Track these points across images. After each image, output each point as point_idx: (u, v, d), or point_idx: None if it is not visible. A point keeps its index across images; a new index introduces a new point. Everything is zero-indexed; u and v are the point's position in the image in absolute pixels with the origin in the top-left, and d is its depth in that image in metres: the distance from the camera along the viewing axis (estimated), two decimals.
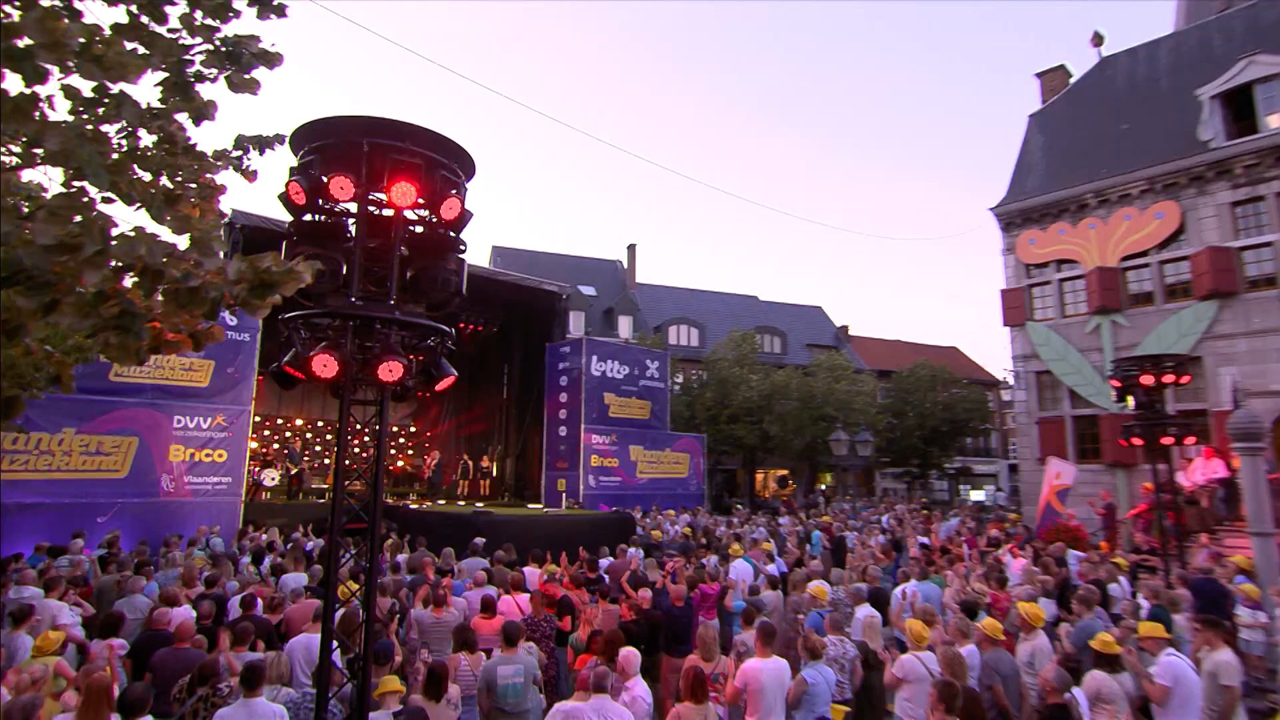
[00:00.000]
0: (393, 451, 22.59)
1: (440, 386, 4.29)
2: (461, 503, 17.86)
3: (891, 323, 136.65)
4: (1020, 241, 20.83)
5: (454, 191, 4.14)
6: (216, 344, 2.97)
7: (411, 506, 14.54)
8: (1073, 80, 23.09)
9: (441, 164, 4.09)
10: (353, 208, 4.13)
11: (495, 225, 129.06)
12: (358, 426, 4.48)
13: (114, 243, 2.01)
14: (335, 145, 3.92)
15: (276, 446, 19.21)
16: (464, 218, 4.19)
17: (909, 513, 20.27)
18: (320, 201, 3.84)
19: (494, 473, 21.37)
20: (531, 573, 9.31)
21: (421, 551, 10.59)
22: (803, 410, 29.77)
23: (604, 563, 11.02)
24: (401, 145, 3.92)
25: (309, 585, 8.09)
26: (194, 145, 3.06)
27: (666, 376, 22.17)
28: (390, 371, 3.77)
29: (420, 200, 3.98)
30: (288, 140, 3.98)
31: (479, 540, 11.00)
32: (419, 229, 4.31)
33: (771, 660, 5.45)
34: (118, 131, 2.96)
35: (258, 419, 20.64)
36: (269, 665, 4.66)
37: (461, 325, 20.89)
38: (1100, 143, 20.41)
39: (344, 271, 4.06)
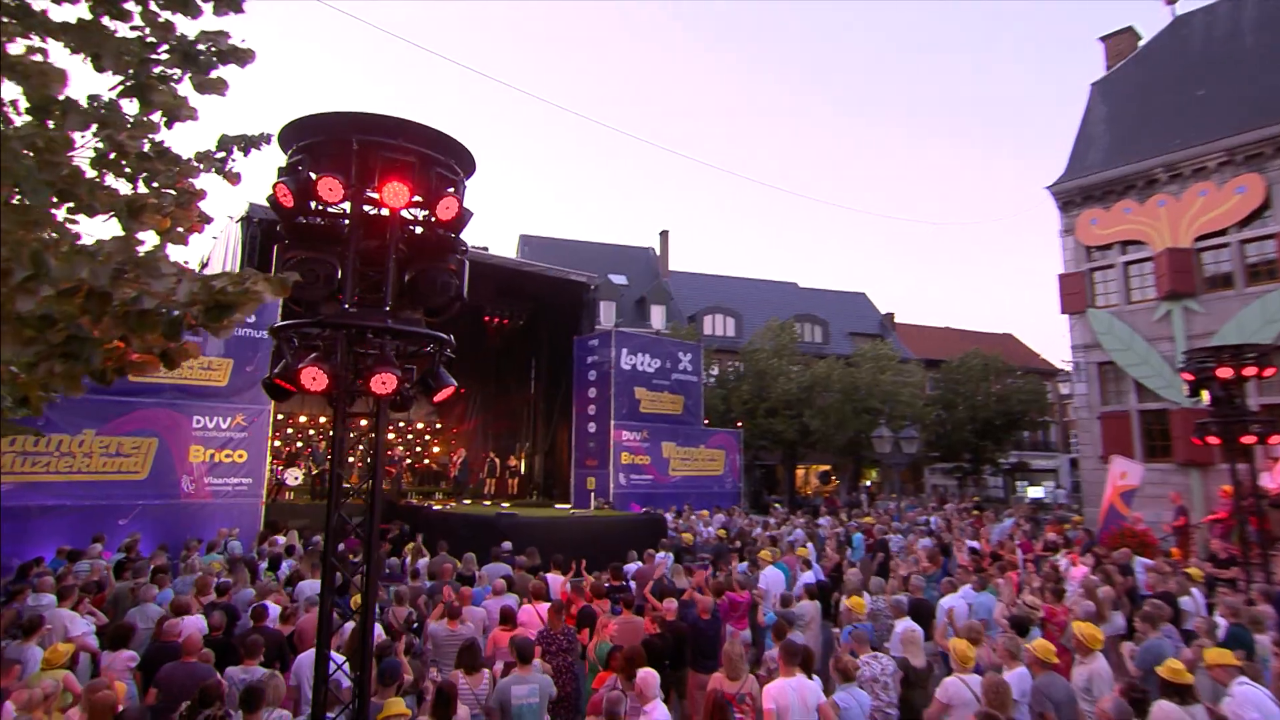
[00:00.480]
0: (418, 449, 22.85)
1: (439, 397, 4.21)
2: (487, 502, 17.97)
3: (940, 309, 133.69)
4: (1080, 222, 20.01)
5: (451, 190, 4.04)
6: (235, 342, 2.94)
7: (434, 507, 14.66)
8: (1141, 43, 22.04)
9: (437, 161, 3.98)
10: (348, 208, 4.06)
11: (523, 213, 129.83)
12: (351, 435, 4.42)
13: (55, 264, 1.93)
14: (324, 144, 3.85)
15: (300, 445, 19.57)
16: (463, 217, 4.08)
17: (958, 513, 19.78)
18: (311, 203, 3.76)
19: (522, 471, 21.46)
20: (554, 580, 9.27)
21: (443, 556, 10.63)
22: (845, 403, 29.26)
23: (631, 568, 10.93)
24: (393, 142, 3.82)
25: None
26: (166, 148, 2.99)
27: (700, 369, 21.95)
28: (384, 384, 3.69)
29: (415, 200, 3.88)
30: (276, 139, 3.92)
31: (506, 545, 10.99)
32: (417, 230, 4.23)
33: (797, 679, 5.26)
34: (95, 135, 2.92)
35: (279, 417, 21.09)
36: (267, 687, 4.66)
37: (486, 319, 20.97)
38: (1172, 111, 19.44)
39: (339, 276, 4.00)
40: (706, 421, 22.12)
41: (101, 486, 11.17)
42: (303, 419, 21.40)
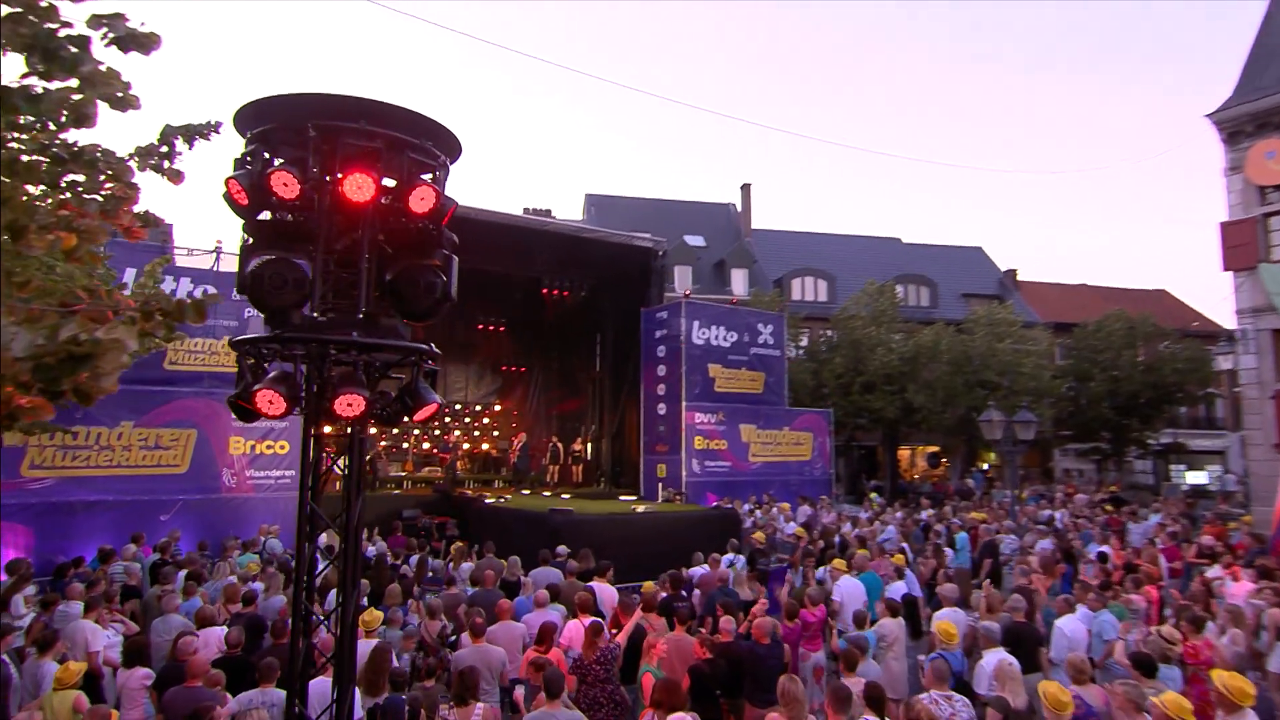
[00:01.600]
0: (476, 433, 23.32)
1: (419, 416, 4.03)
2: (547, 493, 18.14)
3: (1074, 263, 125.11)
4: (1252, 156, 18.01)
5: (428, 177, 3.81)
6: None
7: (487, 500, 14.86)
8: None
9: (409, 145, 3.76)
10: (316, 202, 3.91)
11: (590, 171, 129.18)
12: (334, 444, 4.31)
13: None
14: (279, 131, 3.68)
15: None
16: (441, 207, 3.85)
17: (1090, 507, 18.54)
18: (269, 200, 3.62)
19: (587, 457, 21.57)
20: (604, 591, 9.09)
21: (488, 560, 10.69)
22: (955, 375, 27.93)
23: (697, 572, 10.71)
24: (354, 126, 3.61)
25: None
26: (80, 149, 2.88)
27: (783, 342, 21.36)
28: (349, 406, 3.54)
29: (383, 192, 3.68)
30: (232, 124, 3.78)
31: (562, 549, 10.95)
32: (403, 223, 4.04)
33: None
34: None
35: None
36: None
37: (545, 291, 21.03)
38: None
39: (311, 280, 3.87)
40: (791, 400, 21.53)
41: (142, 481, 11.83)
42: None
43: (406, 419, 4.06)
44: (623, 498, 16.97)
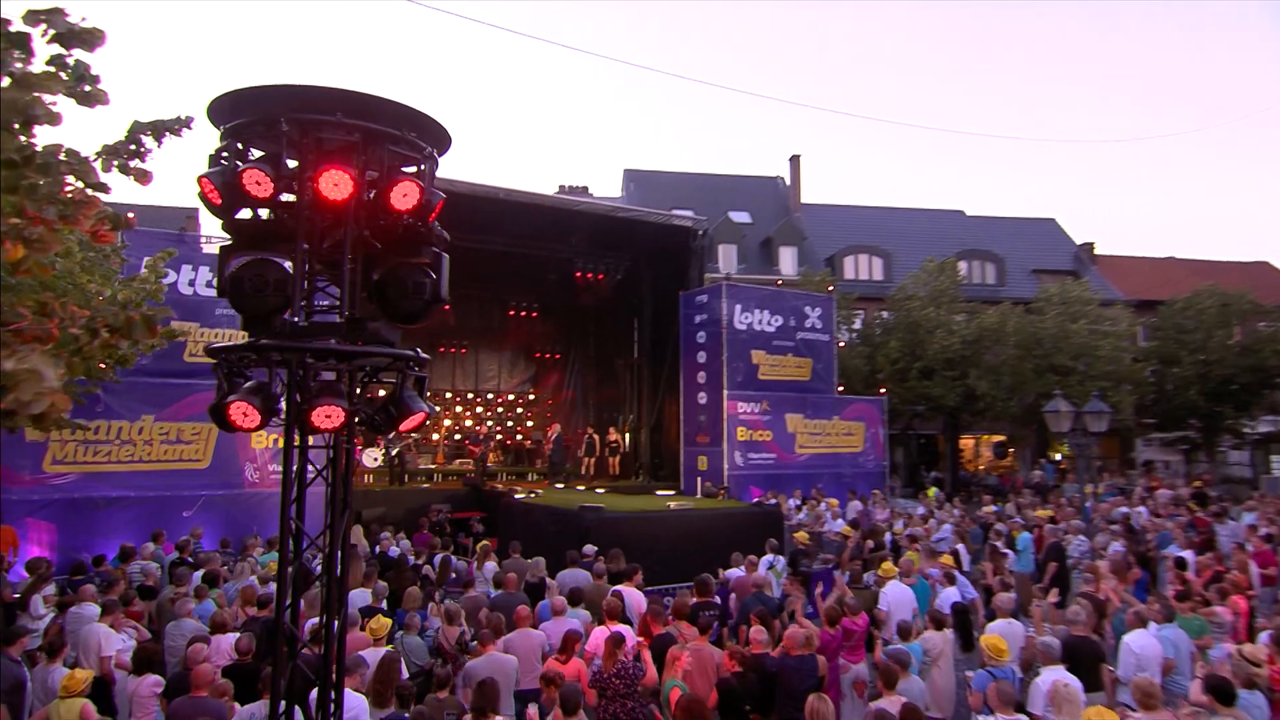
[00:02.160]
0: (510, 423, 23.51)
1: (405, 427, 3.99)
2: (581, 487, 18.18)
3: (1160, 235, 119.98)
4: None
5: (411, 171, 3.76)
6: None
7: (517, 495, 14.93)
8: None
9: (390, 138, 3.71)
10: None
11: (628, 145, 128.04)
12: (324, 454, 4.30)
13: None
14: (252, 125, 3.65)
15: None
16: (427, 203, 3.79)
17: (1174, 503, 17.83)
18: (241, 200, 3.60)
19: (624, 448, 21.55)
20: (632, 596, 9.03)
21: (514, 560, 10.74)
22: (1022, 359, 27.17)
23: (735, 574, 10.60)
24: (330, 119, 3.56)
25: (374, 606, 8.42)
26: (35, 151, 2.87)
27: (832, 325, 21.02)
28: (328, 418, 3.52)
29: (363, 188, 3.63)
30: (207, 117, 3.77)
31: (589, 549, 10.95)
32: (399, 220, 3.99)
33: None
34: None
35: None
36: None
37: (578, 275, 21.04)
38: None
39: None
40: (841, 388, 21.19)
41: (164, 476, 12.18)
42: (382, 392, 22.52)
43: (391, 430, 4.01)
44: (660, 492, 16.90)
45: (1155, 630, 7.56)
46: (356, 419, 4.05)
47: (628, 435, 21.65)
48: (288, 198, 3.87)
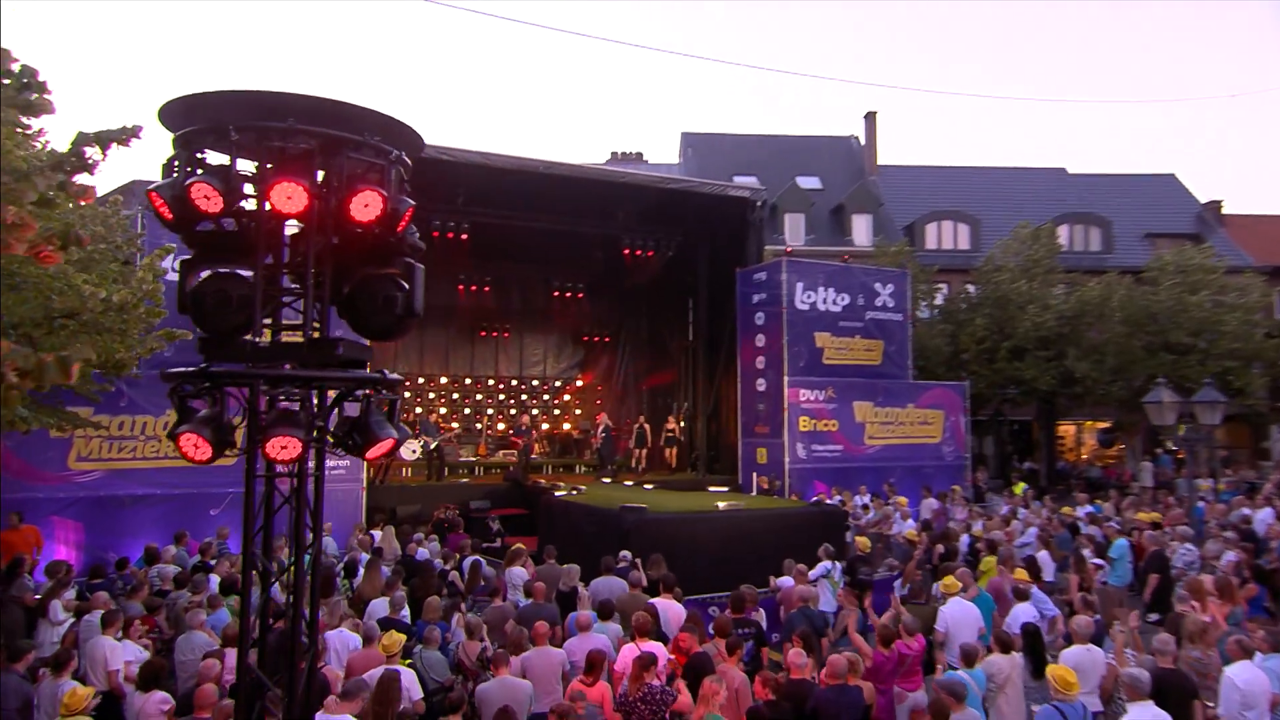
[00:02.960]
0: (556, 412, 23.70)
1: (370, 455, 4.00)
2: (630, 482, 18.23)
3: None
4: None
5: (374, 179, 3.72)
6: None
7: (558, 494, 15.04)
8: None
9: (349, 143, 3.68)
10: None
11: (686, 107, 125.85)
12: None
13: None
14: (203, 134, 3.66)
15: (419, 411, 20.97)
16: (392, 212, 3.76)
17: None
18: (192, 214, 3.63)
19: (679, 438, 21.51)
20: (670, 609, 8.96)
21: (549, 567, 10.79)
22: (1130, 337, 26.03)
23: (785, 582, 10.46)
24: (282, 126, 3.55)
25: (391, 618, 8.57)
26: None
27: (907, 303, 20.51)
28: (284, 449, 3.54)
29: (315, 200, 3.62)
30: (160, 122, 3.80)
31: (626, 554, 10.94)
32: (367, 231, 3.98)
33: None
34: None
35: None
36: None
37: (626, 252, 21.00)
38: None
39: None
40: (920, 371, 20.69)
41: (191, 473, 12.59)
42: (420, 380, 22.96)
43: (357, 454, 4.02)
44: (713, 488, 16.82)
45: (1260, 661, 7.15)
46: (329, 441, 4.08)
47: (683, 424, 21.60)
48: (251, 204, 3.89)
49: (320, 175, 3.78)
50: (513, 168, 17.65)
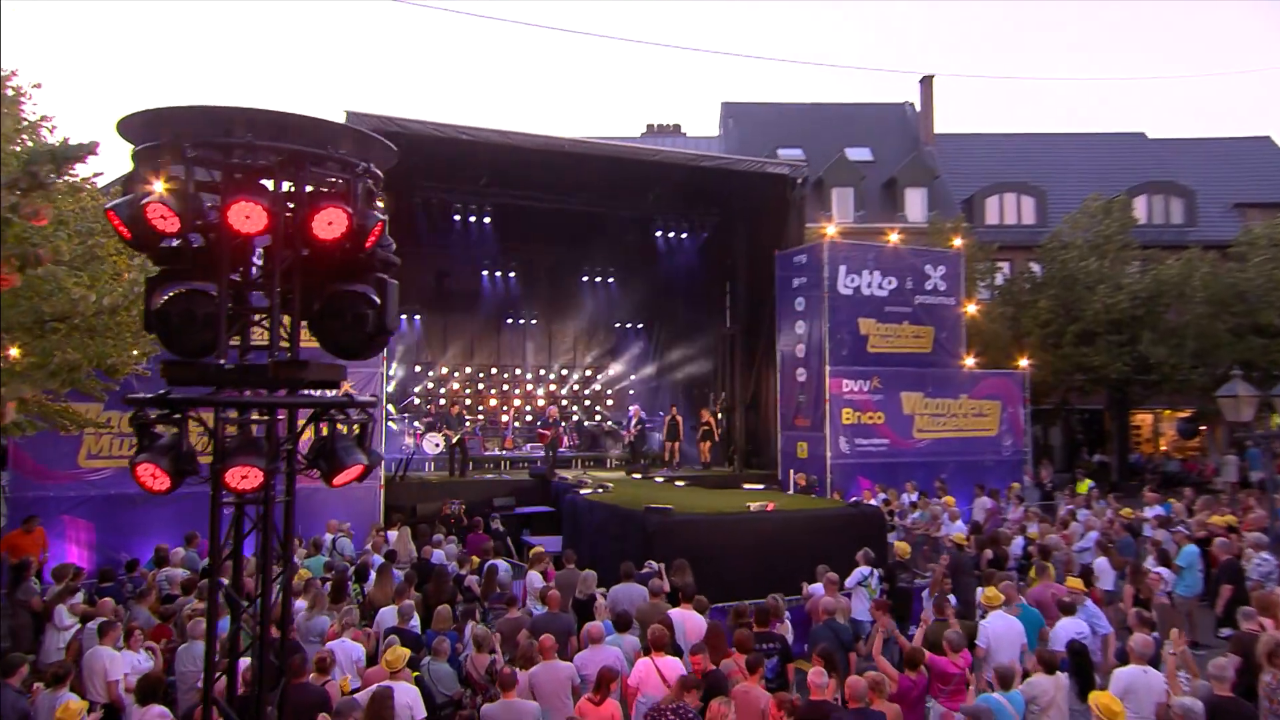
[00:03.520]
0: (586, 403, 23.84)
1: (337, 482, 4.10)
2: (660, 478, 18.31)
3: None
4: None
5: (338, 195, 3.80)
6: None
7: (583, 492, 15.16)
8: None
9: (310, 158, 3.76)
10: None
11: (726, 74, 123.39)
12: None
13: None
14: (161, 150, 3.77)
15: (443, 403, 21.22)
16: (359, 229, 3.83)
17: None
18: (150, 234, 3.74)
19: (715, 431, 21.49)
20: (690, 620, 8.98)
21: (569, 572, 10.88)
22: (1214, 318, 25.32)
23: (817, 589, 10.42)
24: (239, 142, 3.64)
25: (399, 628, 8.73)
26: None
27: (960, 287, 20.23)
28: (245, 479, 3.66)
29: (275, 219, 3.71)
30: (121, 136, 3.91)
31: (652, 564, 10.98)
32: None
33: None
34: None
35: (420, 369, 23.10)
36: None
37: (659, 234, 21.00)
38: None
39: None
40: (972, 360, 20.39)
41: (202, 469, 13.01)
42: (444, 369, 23.26)
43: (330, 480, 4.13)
44: (747, 486, 16.79)
45: None
46: (302, 463, 4.19)
47: (720, 416, 21.58)
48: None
49: (288, 189, 3.86)
50: (536, 146, 17.73)
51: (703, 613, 9.35)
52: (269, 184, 3.83)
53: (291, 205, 3.78)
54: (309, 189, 3.81)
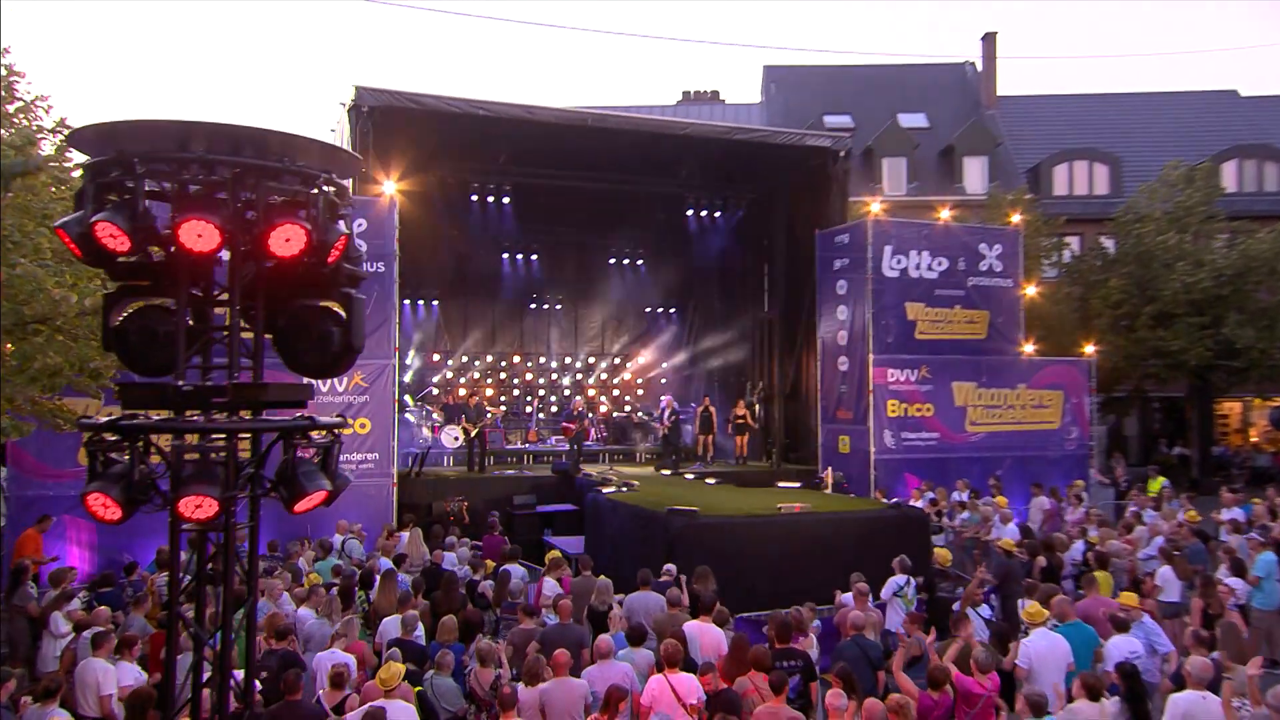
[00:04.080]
0: (615, 393, 23.94)
1: (298, 509, 4.22)
2: (690, 475, 18.37)
3: None
4: None
5: (295, 210, 3.89)
6: None
7: (605, 491, 15.25)
8: None
9: (266, 171, 3.86)
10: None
11: (770, 35, 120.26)
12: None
13: None
14: (111, 165, 3.88)
15: (461, 393, 21.45)
16: (320, 244, 3.93)
17: None
18: (101, 253, 3.87)
19: (752, 423, 21.47)
20: (708, 634, 8.99)
21: (584, 579, 10.98)
22: None
23: (846, 598, 10.39)
24: (189, 157, 3.75)
25: (402, 639, 8.88)
26: None
27: (1018, 266, 19.97)
28: (198, 508, 3.79)
29: (229, 236, 3.81)
30: (75, 148, 4.05)
31: (670, 567, 11.03)
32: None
33: None
34: None
35: (434, 359, 23.31)
36: None
37: (691, 212, 20.99)
38: None
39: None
40: (1032, 347, 20.13)
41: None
42: (464, 357, 23.50)
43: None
44: (782, 484, 16.73)
45: None
46: (265, 490, 4.31)
47: (757, 408, 21.54)
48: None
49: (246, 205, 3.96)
50: (558, 121, 17.81)
51: (723, 625, 9.34)
52: (228, 197, 3.91)
53: (257, 220, 3.88)
54: (270, 202, 3.89)
